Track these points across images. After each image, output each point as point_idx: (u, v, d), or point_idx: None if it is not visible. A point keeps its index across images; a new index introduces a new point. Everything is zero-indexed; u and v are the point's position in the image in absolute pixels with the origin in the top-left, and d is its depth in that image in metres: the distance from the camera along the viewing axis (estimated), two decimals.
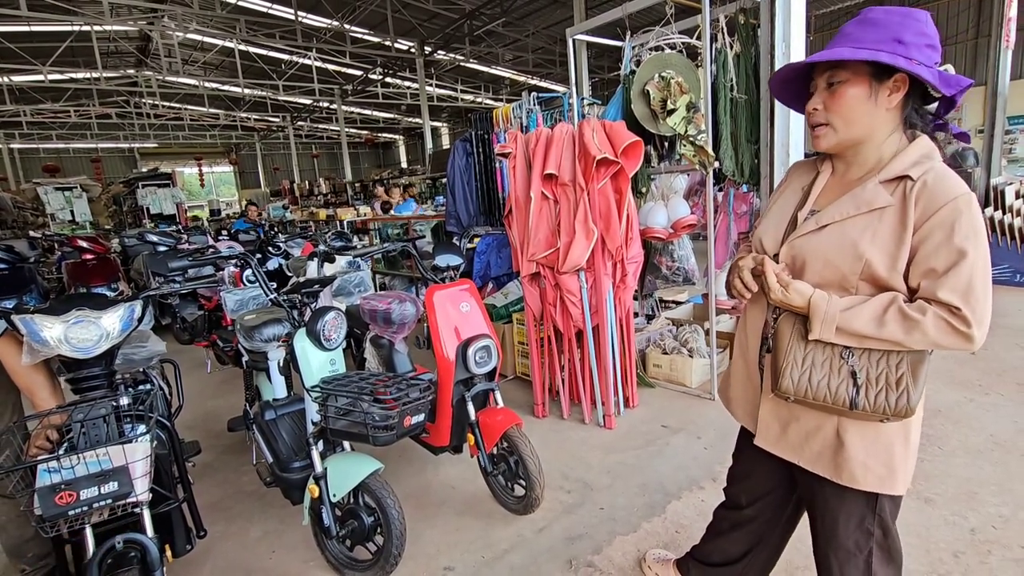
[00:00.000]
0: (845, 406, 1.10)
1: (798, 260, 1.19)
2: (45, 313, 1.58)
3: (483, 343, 2.28)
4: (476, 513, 2.35)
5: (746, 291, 1.23)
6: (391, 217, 6.61)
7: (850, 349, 1.11)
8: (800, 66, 1.18)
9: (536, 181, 2.86)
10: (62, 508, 1.33)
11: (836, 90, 1.12)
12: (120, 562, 1.52)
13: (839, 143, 1.16)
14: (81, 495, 1.35)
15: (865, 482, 1.15)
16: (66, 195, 12.56)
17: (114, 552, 1.54)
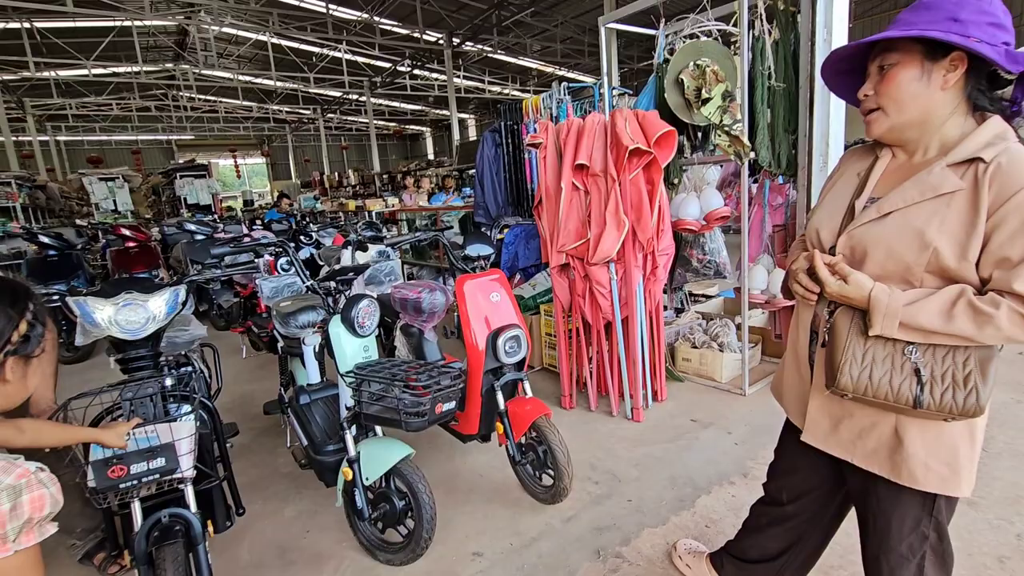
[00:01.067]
0: (908, 404, 1.05)
1: (857, 251, 1.14)
2: (97, 296, 1.65)
3: (513, 333, 2.29)
4: (504, 501, 2.38)
5: (810, 294, 1.19)
6: (419, 208, 6.67)
7: (913, 345, 1.05)
8: (851, 52, 1.14)
9: (567, 171, 2.85)
10: (114, 481, 1.40)
11: (887, 73, 1.08)
12: (165, 536, 1.59)
13: (891, 128, 1.12)
14: (131, 469, 1.42)
15: (926, 482, 1.11)
16: (109, 185, 13.02)
17: (160, 525, 1.61)
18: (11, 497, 0.81)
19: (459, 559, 2.03)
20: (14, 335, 0.88)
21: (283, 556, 2.14)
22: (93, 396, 1.57)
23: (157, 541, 1.57)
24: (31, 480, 0.85)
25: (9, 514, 0.80)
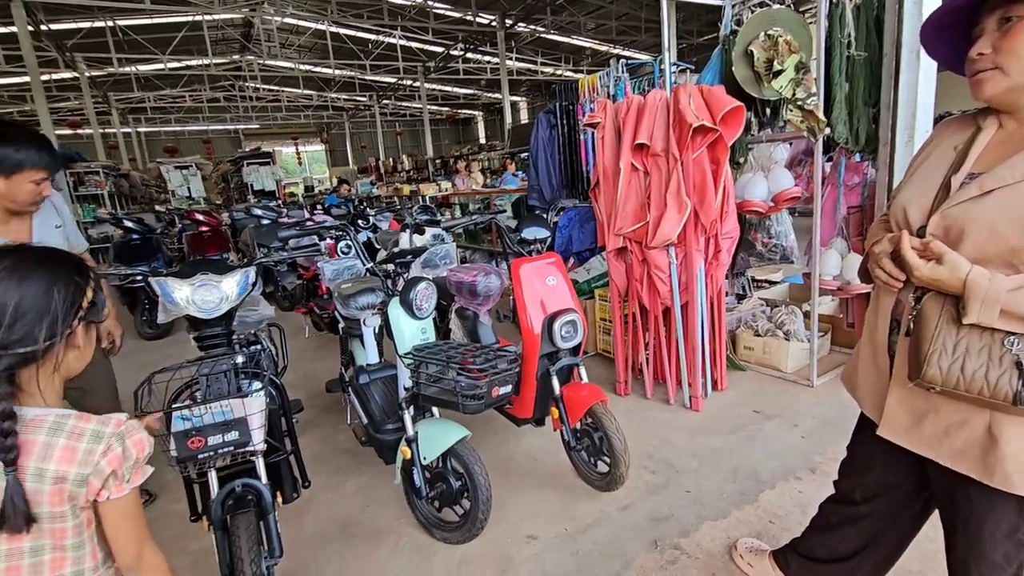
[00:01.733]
0: (1007, 400, 0.95)
1: (953, 232, 1.03)
2: (176, 276, 1.74)
3: (569, 317, 2.26)
4: (558, 486, 2.37)
5: (895, 280, 1.09)
6: (472, 191, 6.69)
7: (1015, 336, 0.95)
8: (963, 2, 1.01)
9: (626, 151, 2.76)
10: (193, 451, 1.48)
11: (1013, 27, 0.95)
12: (238, 504, 1.67)
13: (1011, 89, 0.99)
14: (208, 441, 1.50)
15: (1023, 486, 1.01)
16: (183, 173, 13.83)
17: (234, 495, 1.70)
18: (119, 442, 0.88)
19: (514, 541, 2.04)
20: (84, 301, 0.92)
21: (345, 529, 2.22)
22: (173, 371, 1.66)
23: (231, 509, 1.66)
24: (128, 426, 0.91)
25: (120, 457, 0.87)
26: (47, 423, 0.86)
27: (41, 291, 0.87)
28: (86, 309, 0.92)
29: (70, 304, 0.89)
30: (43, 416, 0.87)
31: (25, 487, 0.83)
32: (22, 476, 0.83)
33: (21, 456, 0.83)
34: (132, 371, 2.54)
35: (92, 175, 11.82)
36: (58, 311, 0.87)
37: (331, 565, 2.01)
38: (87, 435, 0.87)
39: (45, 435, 0.86)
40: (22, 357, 0.85)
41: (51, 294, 0.87)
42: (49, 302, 0.87)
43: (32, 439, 0.85)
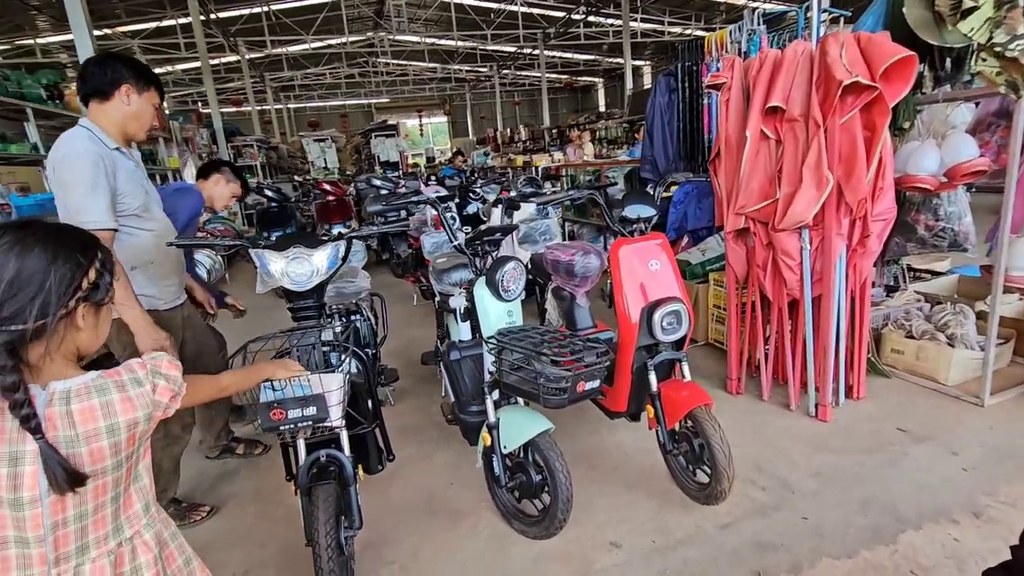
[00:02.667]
0: None
1: None
2: (272, 249, 1.78)
3: (672, 308, 2.01)
4: (650, 490, 2.17)
5: None
6: (582, 163, 6.41)
7: None
8: None
9: (755, 116, 2.37)
10: (275, 423, 1.52)
11: None
12: (322, 473, 1.71)
13: None
14: (289, 414, 1.52)
15: None
16: (320, 146, 15.02)
17: (318, 463, 1.74)
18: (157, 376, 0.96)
19: (595, 546, 1.90)
20: (84, 281, 0.90)
21: (427, 504, 2.23)
22: (266, 340, 1.71)
23: (315, 478, 1.70)
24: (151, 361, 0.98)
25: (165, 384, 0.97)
26: (92, 388, 0.90)
27: (38, 269, 0.85)
28: (86, 290, 0.90)
29: (67, 284, 0.87)
30: (86, 383, 0.90)
31: (82, 450, 0.87)
32: (73, 447, 0.86)
33: (81, 422, 0.87)
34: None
35: (248, 148, 13.25)
36: (52, 292, 0.85)
37: (410, 540, 2.02)
38: (128, 384, 0.93)
39: (97, 397, 0.89)
40: (15, 335, 0.83)
41: (48, 273, 0.85)
42: (44, 281, 0.85)
43: (90, 404, 0.88)
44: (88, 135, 1.79)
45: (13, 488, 0.84)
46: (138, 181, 1.93)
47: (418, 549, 1.97)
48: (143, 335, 1.79)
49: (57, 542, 0.88)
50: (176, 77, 19.50)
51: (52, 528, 0.87)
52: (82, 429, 0.87)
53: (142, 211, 1.93)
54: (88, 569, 0.90)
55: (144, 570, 0.97)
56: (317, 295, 1.84)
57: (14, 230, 0.88)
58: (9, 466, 0.84)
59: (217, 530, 2.20)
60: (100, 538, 0.92)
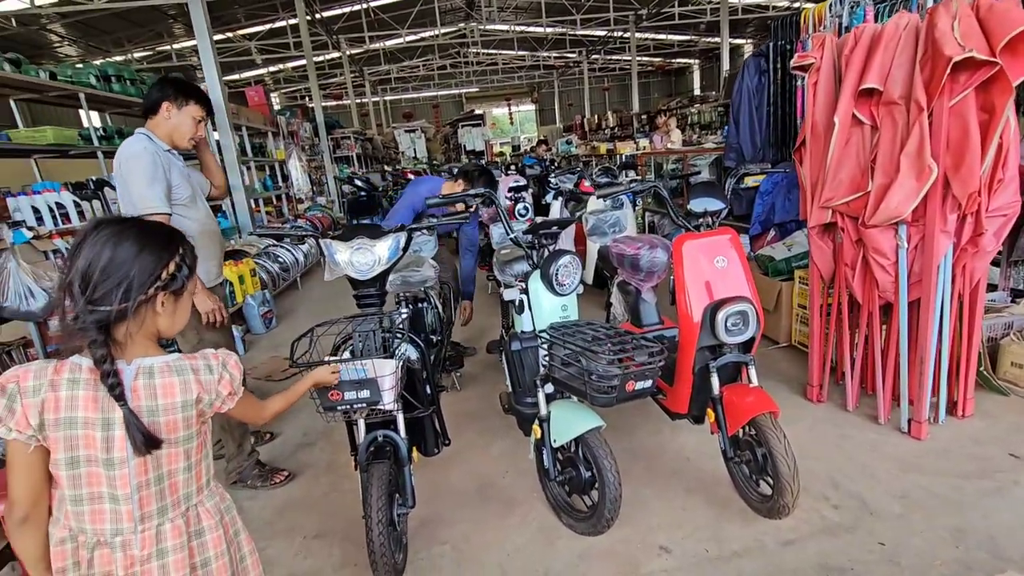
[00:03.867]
0: None
1: None
2: (339, 239, 1.89)
3: (738, 308, 1.89)
4: (709, 496, 2.08)
5: None
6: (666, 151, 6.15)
7: None
8: None
9: (846, 99, 2.15)
10: (333, 403, 1.63)
11: None
12: (378, 452, 1.81)
13: None
14: (345, 396, 1.62)
15: None
16: (411, 136, 15.64)
17: (376, 443, 1.85)
18: (225, 370, 1.09)
19: (644, 548, 1.86)
20: (164, 272, 1.01)
21: (481, 491, 2.29)
22: (330, 325, 1.83)
23: (373, 456, 1.81)
24: (223, 356, 1.11)
25: (229, 380, 1.09)
26: (174, 367, 1.03)
27: (126, 259, 0.96)
28: (165, 280, 1.01)
29: (148, 274, 0.98)
30: (168, 362, 1.03)
31: (161, 420, 1.00)
32: (153, 417, 0.99)
33: (162, 395, 1.00)
34: None
35: (345, 139, 14.08)
36: (135, 279, 0.96)
37: (462, 524, 2.09)
38: (202, 369, 1.05)
39: (177, 376, 1.02)
40: (103, 315, 0.95)
41: (133, 263, 0.96)
42: (130, 270, 0.96)
43: (170, 380, 1.01)
44: (146, 139, 2.12)
45: (106, 449, 0.97)
46: (186, 177, 2.24)
47: (470, 533, 2.04)
48: (201, 297, 2.10)
49: (142, 501, 1.00)
50: (287, 75, 21.09)
51: (137, 488, 0.99)
52: (162, 401, 1.00)
53: (188, 202, 2.22)
54: (168, 528, 1.03)
55: (207, 533, 1.10)
56: (379, 283, 1.94)
57: (113, 224, 1.00)
58: (103, 430, 0.96)
59: (294, 495, 2.41)
60: (175, 501, 1.05)
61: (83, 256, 0.95)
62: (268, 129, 8.72)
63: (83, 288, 0.94)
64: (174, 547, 1.03)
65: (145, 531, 1.01)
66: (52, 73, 4.67)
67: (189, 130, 2.23)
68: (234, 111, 7.10)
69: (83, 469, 0.97)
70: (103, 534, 0.99)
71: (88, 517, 0.98)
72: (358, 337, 1.84)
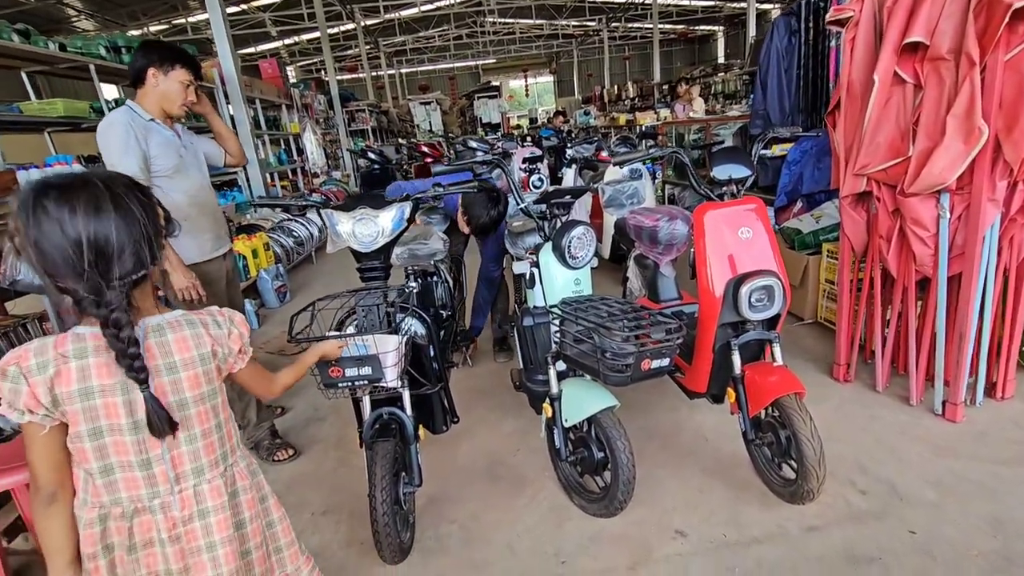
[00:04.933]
0: None
1: None
2: (340, 210, 1.81)
3: (763, 282, 1.77)
4: (727, 478, 1.99)
5: None
6: (687, 120, 5.91)
7: None
8: None
9: (888, 55, 1.97)
10: (334, 379, 1.56)
11: None
12: (383, 430, 1.76)
13: None
14: (346, 372, 1.56)
15: None
16: (426, 109, 15.41)
17: (382, 420, 1.80)
18: (233, 325, 1.06)
19: (658, 531, 1.79)
20: (160, 219, 0.97)
21: (491, 469, 2.23)
22: (332, 299, 1.76)
23: (378, 434, 1.76)
24: (228, 313, 1.07)
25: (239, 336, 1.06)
26: (183, 321, 1.00)
27: (137, 218, 0.90)
28: (165, 225, 0.99)
29: (157, 225, 0.94)
30: (177, 318, 1.00)
31: (182, 375, 0.97)
32: (172, 375, 0.96)
33: (177, 350, 0.97)
34: None
35: (360, 112, 13.92)
36: (153, 235, 0.93)
37: (471, 503, 2.04)
38: (211, 324, 1.03)
39: (188, 330, 1.00)
40: (128, 284, 0.90)
41: (144, 219, 0.91)
42: (144, 228, 0.91)
43: (183, 335, 0.98)
44: (125, 110, 2.06)
45: (130, 412, 0.93)
46: (173, 148, 2.16)
47: (479, 512, 1.99)
48: (176, 274, 2.05)
49: (174, 461, 0.98)
50: (302, 47, 20.85)
51: (168, 448, 0.97)
52: (178, 357, 0.97)
53: (173, 172, 2.15)
54: (206, 488, 1.02)
55: (241, 494, 1.08)
56: (383, 256, 1.85)
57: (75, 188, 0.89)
58: (123, 394, 0.92)
59: (303, 469, 2.39)
60: (212, 462, 1.03)
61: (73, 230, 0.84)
62: (282, 102, 8.62)
63: (99, 262, 0.86)
64: (215, 507, 1.02)
65: (183, 491, 0.99)
66: (62, 44, 4.63)
67: (179, 96, 2.15)
68: (247, 83, 7.02)
69: (108, 439, 0.93)
70: (140, 500, 0.97)
71: (122, 485, 0.96)
72: (361, 312, 1.77)
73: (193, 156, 2.30)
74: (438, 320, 2.61)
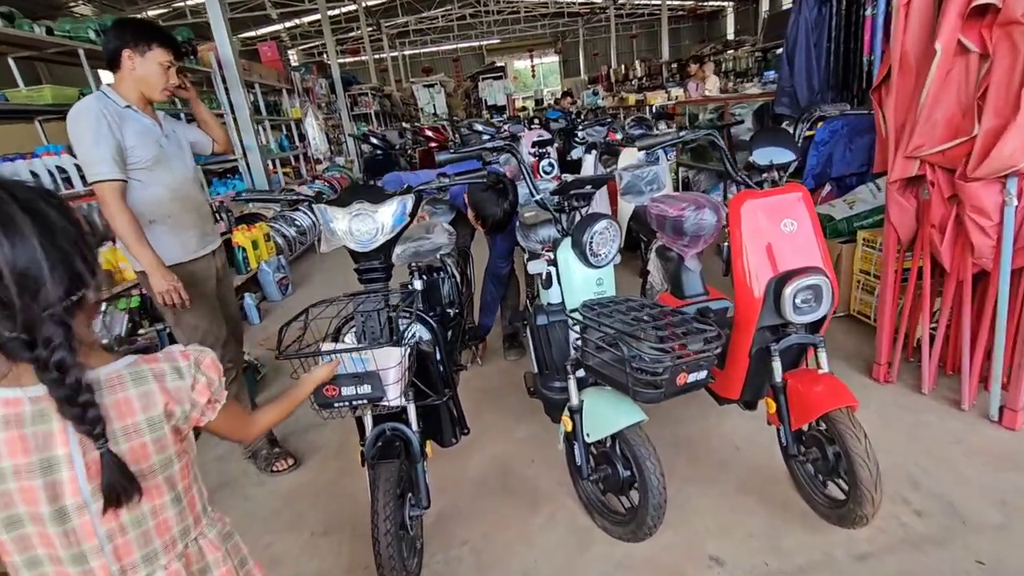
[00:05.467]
0: None
1: None
2: (334, 204, 1.61)
3: (811, 281, 1.57)
4: (764, 496, 1.82)
5: None
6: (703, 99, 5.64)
7: None
8: None
9: (951, 21, 1.74)
10: (329, 399, 1.39)
11: None
12: (386, 448, 1.59)
13: None
14: (342, 391, 1.38)
15: None
16: (430, 91, 15.06)
17: (385, 437, 1.62)
18: (198, 372, 0.87)
19: (691, 558, 1.62)
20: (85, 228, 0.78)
21: (505, 481, 2.07)
22: (328, 304, 1.58)
23: (381, 452, 1.58)
24: (195, 354, 0.89)
25: (206, 385, 0.88)
26: (127, 376, 0.80)
27: (51, 223, 0.72)
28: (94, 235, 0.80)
29: (79, 229, 0.76)
30: (119, 371, 0.80)
31: (130, 445, 0.77)
32: (132, 435, 0.78)
33: (117, 416, 0.77)
34: None
35: (363, 96, 13.62)
36: (79, 239, 0.75)
37: (483, 521, 1.88)
38: (168, 374, 0.83)
39: (134, 388, 0.79)
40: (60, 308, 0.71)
41: (60, 225, 0.73)
42: (67, 234, 0.73)
43: (126, 396, 0.78)
44: (97, 96, 1.90)
45: (54, 499, 0.74)
46: (152, 137, 1.99)
47: (491, 532, 1.83)
48: (155, 277, 1.90)
49: (118, 551, 0.79)
50: (303, 30, 20.45)
51: (108, 537, 0.78)
52: (118, 424, 0.76)
53: (153, 164, 1.97)
54: (157, 566, 0.83)
55: (213, 569, 0.91)
56: (384, 255, 1.65)
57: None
58: (42, 475, 0.73)
59: (302, 480, 2.24)
60: (167, 544, 0.84)
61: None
62: (283, 86, 8.38)
63: (26, 291, 0.68)
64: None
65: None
66: (49, 28, 4.41)
67: (159, 80, 1.96)
68: (246, 68, 6.78)
69: (29, 529, 0.74)
70: None
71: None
72: (360, 318, 1.58)
73: (176, 146, 2.11)
74: (445, 320, 2.42)
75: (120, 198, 1.87)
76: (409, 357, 1.48)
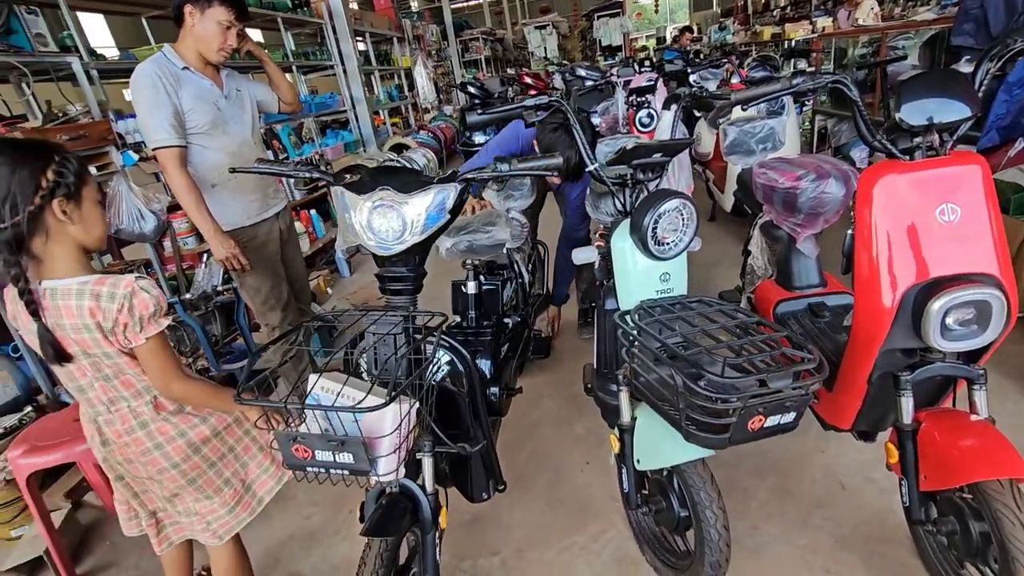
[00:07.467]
0: None
1: None
2: (353, 189, 1.18)
3: (974, 295, 1.09)
4: (872, 558, 1.41)
5: None
6: (853, 30, 4.62)
7: None
8: None
9: None
10: (300, 462, 1.00)
11: None
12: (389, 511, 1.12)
13: None
14: (316, 455, 0.99)
15: None
16: (541, 34, 14.31)
17: (389, 495, 1.16)
18: (127, 300, 1.07)
19: None
20: (43, 181, 1.03)
21: (553, 486, 1.85)
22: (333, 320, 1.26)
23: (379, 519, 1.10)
24: (136, 287, 1.08)
25: (128, 314, 1.07)
26: (73, 289, 1.06)
27: (2, 177, 0.99)
28: (47, 188, 1.02)
29: (26, 185, 1.01)
30: (68, 286, 1.06)
31: (72, 338, 1.08)
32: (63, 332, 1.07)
33: (64, 315, 1.06)
34: None
35: (474, 41, 13.30)
36: (17, 193, 1.00)
37: (521, 529, 1.69)
38: (104, 295, 1.06)
39: (75, 300, 1.06)
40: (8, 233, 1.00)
41: (11, 179, 1.00)
42: (9, 186, 1.00)
43: (68, 304, 1.06)
44: (157, 58, 1.86)
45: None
46: (210, 100, 1.92)
47: (526, 546, 1.64)
48: (214, 243, 1.93)
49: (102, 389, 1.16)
50: None
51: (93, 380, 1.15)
52: (67, 321, 1.06)
53: (210, 128, 1.92)
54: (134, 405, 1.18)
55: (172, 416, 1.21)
56: (415, 259, 1.21)
57: None
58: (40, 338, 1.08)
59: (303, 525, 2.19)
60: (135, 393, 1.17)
61: None
62: (393, 35, 8.34)
63: None
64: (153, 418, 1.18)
65: (118, 411, 1.17)
66: None
67: (216, 39, 1.87)
68: (357, 16, 6.76)
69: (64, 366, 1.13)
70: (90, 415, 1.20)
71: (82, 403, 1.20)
72: (371, 338, 1.16)
73: (238, 107, 2.05)
74: (500, 331, 2.08)
75: (179, 164, 1.86)
76: (416, 413, 1.07)
